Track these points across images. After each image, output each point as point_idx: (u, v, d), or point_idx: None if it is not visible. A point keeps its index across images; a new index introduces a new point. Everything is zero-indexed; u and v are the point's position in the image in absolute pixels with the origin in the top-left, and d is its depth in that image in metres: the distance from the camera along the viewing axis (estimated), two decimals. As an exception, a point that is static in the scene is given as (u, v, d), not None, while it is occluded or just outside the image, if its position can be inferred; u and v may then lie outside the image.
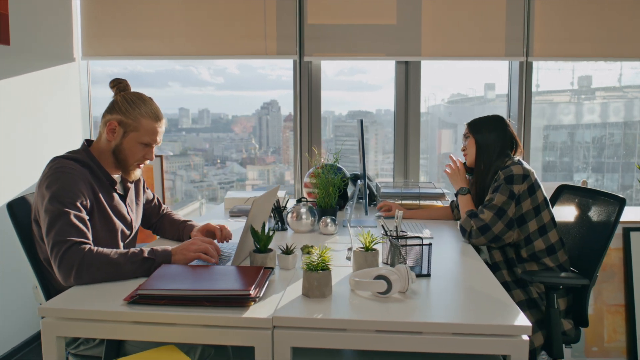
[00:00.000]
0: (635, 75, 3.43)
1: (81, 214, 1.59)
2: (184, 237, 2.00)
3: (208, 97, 3.88)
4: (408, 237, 1.71)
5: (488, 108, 3.57)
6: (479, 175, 2.24)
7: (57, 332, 1.34)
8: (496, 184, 2.09)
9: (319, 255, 1.42)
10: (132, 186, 1.90)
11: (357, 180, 2.58)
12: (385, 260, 1.73)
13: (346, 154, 3.57)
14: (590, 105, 3.57)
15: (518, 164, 2.10)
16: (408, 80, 3.28)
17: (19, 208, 1.75)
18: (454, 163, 2.37)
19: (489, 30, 3.11)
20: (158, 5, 3.18)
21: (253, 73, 3.76)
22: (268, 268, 1.56)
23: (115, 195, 1.79)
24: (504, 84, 3.38)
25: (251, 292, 1.34)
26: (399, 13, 3.14)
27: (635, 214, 3.12)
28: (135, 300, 1.35)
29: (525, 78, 3.18)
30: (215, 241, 1.77)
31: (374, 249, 1.61)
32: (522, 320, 1.27)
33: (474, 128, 2.27)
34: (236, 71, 3.80)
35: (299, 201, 2.31)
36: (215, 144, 3.99)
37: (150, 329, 1.31)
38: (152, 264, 1.56)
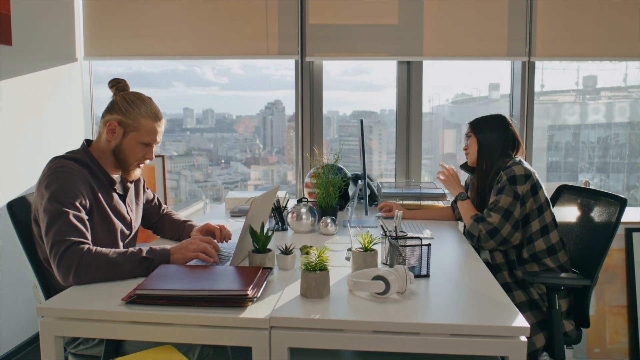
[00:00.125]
0: (640, 75, 3.42)
1: (80, 213, 1.59)
2: (184, 237, 1.99)
3: (212, 97, 3.89)
4: (407, 238, 1.70)
5: (492, 108, 3.56)
6: (480, 174, 2.24)
7: (56, 332, 1.35)
8: (499, 185, 2.08)
9: (317, 256, 1.42)
10: (132, 186, 1.90)
11: (358, 181, 2.58)
12: (384, 260, 1.72)
13: (350, 154, 3.57)
14: (595, 105, 3.54)
15: (519, 164, 2.09)
16: (410, 80, 3.27)
17: (19, 208, 1.75)
18: (447, 170, 2.38)
19: (491, 30, 3.10)
20: (159, 5, 3.19)
21: (257, 73, 3.76)
22: (266, 268, 1.56)
23: (115, 195, 1.79)
24: (507, 83, 3.37)
25: (249, 293, 1.34)
26: (400, 13, 3.13)
27: (639, 215, 3.10)
28: (133, 300, 1.35)
29: (528, 78, 3.16)
30: (214, 240, 1.77)
31: (372, 250, 1.61)
32: (520, 321, 1.26)
33: (476, 127, 2.26)
34: (240, 71, 3.81)
35: (299, 201, 2.31)
36: (219, 144, 4.00)
37: (149, 328, 1.31)
38: (151, 264, 1.56)
